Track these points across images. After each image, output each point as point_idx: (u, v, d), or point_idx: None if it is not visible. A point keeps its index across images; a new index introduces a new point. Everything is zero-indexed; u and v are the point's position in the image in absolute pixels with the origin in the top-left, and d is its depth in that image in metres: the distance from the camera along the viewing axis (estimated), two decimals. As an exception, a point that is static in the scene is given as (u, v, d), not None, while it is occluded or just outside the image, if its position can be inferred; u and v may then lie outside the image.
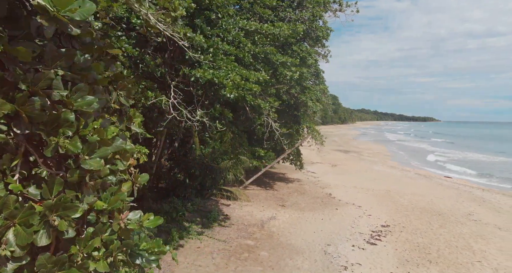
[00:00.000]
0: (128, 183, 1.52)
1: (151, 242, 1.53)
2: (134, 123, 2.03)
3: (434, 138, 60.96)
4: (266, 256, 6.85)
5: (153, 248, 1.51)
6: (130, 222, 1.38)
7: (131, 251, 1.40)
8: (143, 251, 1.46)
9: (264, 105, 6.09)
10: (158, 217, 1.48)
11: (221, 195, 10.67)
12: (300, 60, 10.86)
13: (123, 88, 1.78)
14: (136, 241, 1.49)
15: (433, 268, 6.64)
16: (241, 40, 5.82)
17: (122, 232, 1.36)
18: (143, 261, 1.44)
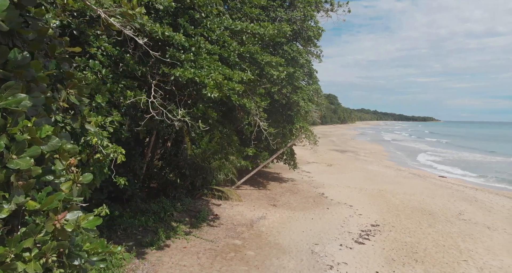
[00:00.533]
0: (67, 182, 1.50)
1: (95, 242, 1.52)
2: (91, 122, 2.00)
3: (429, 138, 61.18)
4: (252, 255, 6.84)
5: (97, 248, 1.49)
6: (67, 223, 1.36)
7: (69, 252, 1.39)
8: (83, 252, 1.44)
9: (250, 105, 6.08)
10: (96, 218, 1.46)
11: (212, 195, 10.65)
12: (291, 60, 10.88)
13: (74, 87, 1.76)
14: (78, 242, 1.47)
15: (418, 267, 6.65)
16: (225, 39, 5.80)
17: (59, 233, 1.34)
18: (83, 262, 1.42)
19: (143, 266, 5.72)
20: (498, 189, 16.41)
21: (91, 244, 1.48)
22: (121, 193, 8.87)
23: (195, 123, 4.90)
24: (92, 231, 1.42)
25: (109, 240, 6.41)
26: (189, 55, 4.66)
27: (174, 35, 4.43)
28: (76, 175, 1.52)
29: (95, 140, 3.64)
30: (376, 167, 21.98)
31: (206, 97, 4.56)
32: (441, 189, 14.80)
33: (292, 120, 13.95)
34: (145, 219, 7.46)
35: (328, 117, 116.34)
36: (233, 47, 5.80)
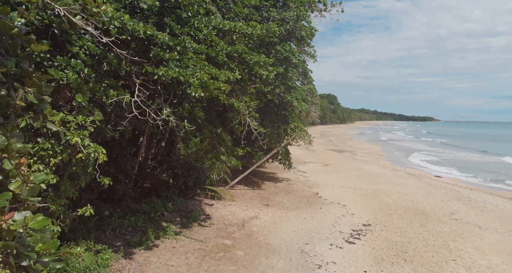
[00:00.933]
0: (16, 182, 1.49)
1: (48, 243, 1.50)
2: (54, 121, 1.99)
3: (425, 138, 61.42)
4: (241, 255, 6.83)
5: (49, 249, 1.48)
6: (13, 223, 1.35)
7: (17, 253, 1.37)
8: (33, 253, 1.43)
9: (238, 105, 6.06)
10: (45, 218, 1.45)
11: (205, 195, 10.64)
12: (284, 59, 10.87)
13: (32, 85, 1.74)
14: (30, 242, 1.46)
15: (407, 267, 6.66)
16: (213, 39, 5.78)
17: (5, 233, 1.33)
18: (32, 262, 1.41)
19: (130, 266, 5.70)
20: (493, 189, 16.46)
21: (43, 244, 1.47)
22: (113, 193, 8.87)
23: (181, 123, 4.88)
24: (42, 231, 1.40)
25: (98, 240, 6.39)
26: (173, 54, 4.64)
27: (158, 34, 4.41)
28: (27, 174, 1.50)
29: (75, 139, 3.62)
30: (372, 167, 22.01)
31: (191, 96, 4.54)
32: (436, 189, 14.82)
33: (287, 120, 13.96)
34: (135, 219, 7.44)
35: (327, 117, 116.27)
36: (221, 47, 5.78)
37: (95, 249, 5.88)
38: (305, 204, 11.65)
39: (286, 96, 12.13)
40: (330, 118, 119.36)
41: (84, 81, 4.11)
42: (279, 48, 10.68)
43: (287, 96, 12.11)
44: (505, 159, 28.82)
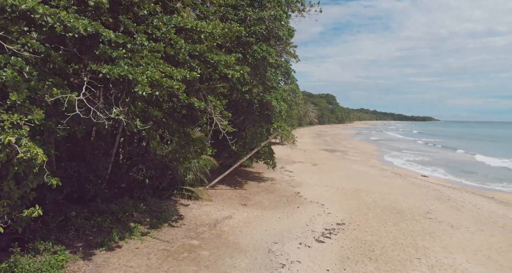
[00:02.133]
0: None
1: None
2: None
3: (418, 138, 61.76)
4: (206, 255, 6.80)
5: None
6: None
7: None
8: None
9: (199, 104, 6.03)
10: None
11: (181, 195, 10.59)
12: (260, 59, 10.85)
13: None
14: None
15: (370, 265, 6.66)
16: (172, 37, 5.76)
17: None
18: None
19: (86, 267, 5.65)
20: (477, 188, 16.55)
21: None
22: (84, 193, 8.81)
23: (132, 123, 4.85)
24: None
25: (58, 241, 6.34)
26: (121, 52, 4.61)
27: (102, 32, 4.38)
28: None
29: (8, 139, 3.58)
30: (360, 167, 22.05)
31: (138, 94, 4.52)
32: (418, 188, 14.88)
33: (270, 120, 13.96)
34: (101, 220, 7.38)
35: (325, 117, 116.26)
36: (180, 45, 5.76)
37: (53, 250, 5.82)
38: (283, 203, 11.65)
39: (265, 96, 12.14)
40: (329, 118, 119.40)
41: (25, 80, 4.07)
42: (256, 48, 10.68)
43: (266, 96, 12.11)
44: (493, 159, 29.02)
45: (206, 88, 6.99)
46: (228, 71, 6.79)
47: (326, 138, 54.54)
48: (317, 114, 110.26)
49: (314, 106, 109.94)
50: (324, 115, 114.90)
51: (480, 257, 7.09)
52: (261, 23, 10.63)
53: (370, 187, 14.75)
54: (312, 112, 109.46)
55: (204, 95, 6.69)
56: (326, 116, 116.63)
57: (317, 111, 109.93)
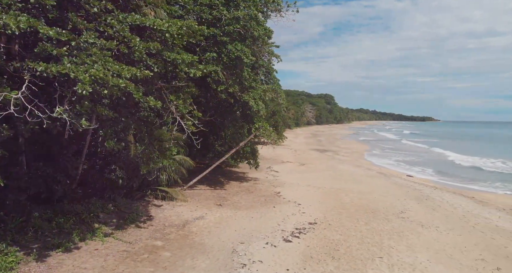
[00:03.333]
0: None
1: None
2: None
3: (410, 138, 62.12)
4: (167, 256, 6.75)
5: None
6: None
7: None
8: None
9: (155, 103, 5.98)
10: None
11: (155, 196, 10.52)
12: (235, 59, 10.82)
13: None
14: None
15: (331, 264, 6.63)
16: (125, 35, 5.71)
17: None
18: None
19: (37, 269, 5.57)
20: (460, 188, 16.60)
21: None
22: (52, 194, 8.71)
23: (77, 122, 4.80)
24: None
25: (14, 243, 6.25)
26: (61, 50, 4.56)
27: (40, 29, 4.32)
28: None
29: None
30: (347, 166, 22.08)
31: (78, 93, 4.47)
32: (399, 188, 14.89)
33: (251, 120, 13.92)
34: (64, 221, 7.30)
35: (323, 117, 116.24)
36: (133, 43, 5.72)
37: (6, 251, 5.74)
38: (260, 203, 11.61)
39: (243, 96, 12.10)
40: (327, 118, 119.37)
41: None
42: (231, 47, 10.66)
43: (244, 96, 12.08)
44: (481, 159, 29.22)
45: (168, 87, 6.95)
46: (191, 69, 6.75)
47: (320, 138, 54.61)
48: (315, 114, 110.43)
49: (312, 106, 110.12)
50: (322, 115, 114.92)
51: (442, 256, 7.08)
52: (236, 22, 10.61)
53: (352, 187, 14.76)
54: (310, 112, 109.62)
55: (165, 94, 6.64)
56: (324, 117, 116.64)
57: (315, 111, 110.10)
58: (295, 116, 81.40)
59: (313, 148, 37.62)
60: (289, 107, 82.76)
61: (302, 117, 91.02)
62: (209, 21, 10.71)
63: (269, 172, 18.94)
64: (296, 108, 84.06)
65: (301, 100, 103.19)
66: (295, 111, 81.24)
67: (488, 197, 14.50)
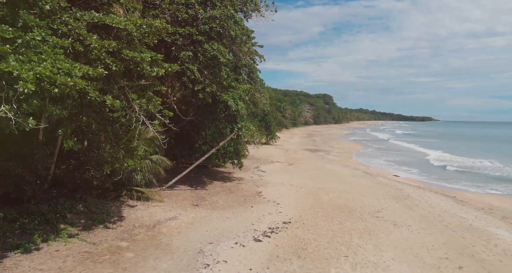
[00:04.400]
0: None
1: None
2: None
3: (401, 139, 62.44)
4: (129, 257, 6.66)
5: None
6: None
7: None
8: None
9: (111, 102, 5.91)
10: None
11: (130, 196, 10.43)
12: (211, 58, 10.75)
13: None
14: None
15: (296, 263, 6.59)
16: (81, 33, 5.64)
17: None
18: None
19: (-10, 270, 5.49)
20: (445, 188, 16.66)
21: None
22: (21, 194, 8.60)
23: (23, 121, 4.72)
24: None
25: (-29, 244, 6.14)
26: (5, 48, 4.48)
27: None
28: None
29: None
30: (335, 166, 22.09)
31: (19, 92, 4.39)
32: (381, 187, 14.90)
33: (234, 120, 13.86)
34: (28, 221, 7.19)
35: (321, 117, 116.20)
36: (89, 41, 5.65)
37: (-40, 253, 5.65)
38: (239, 203, 11.55)
39: (222, 95, 12.04)
40: (325, 118, 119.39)
41: None
42: (207, 46, 10.60)
43: (223, 95, 12.02)
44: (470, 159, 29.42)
45: (133, 86, 6.88)
46: (154, 68, 6.68)
47: (316, 138, 54.66)
48: (313, 114, 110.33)
49: (310, 106, 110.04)
50: (320, 115, 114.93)
51: (407, 255, 7.06)
52: (213, 22, 10.55)
53: (334, 186, 14.75)
54: (308, 112, 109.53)
55: (126, 93, 6.57)
56: (322, 117, 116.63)
57: (313, 111, 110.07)
58: (292, 116, 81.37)
59: (305, 148, 37.66)
60: (286, 108, 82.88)
61: (299, 117, 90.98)
62: (185, 20, 10.66)
63: (256, 172, 18.89)
64: (293, 108, 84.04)
65: (299, 100, 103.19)
66: (292, 111, 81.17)
67: (470, 197, 14.57)
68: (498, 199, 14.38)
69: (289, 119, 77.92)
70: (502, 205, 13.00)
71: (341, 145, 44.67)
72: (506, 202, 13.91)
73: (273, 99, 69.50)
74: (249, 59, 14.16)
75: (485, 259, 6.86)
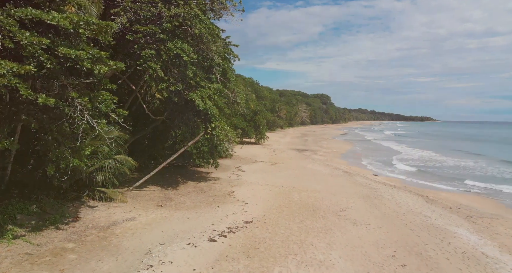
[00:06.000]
0: None
1: None
2: None
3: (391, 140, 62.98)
4: (71, 259, 6.51)
5: None
6: None
7: None
8: None
9: (43, 100, 5.73)
10: None
11: (92, 196, 10.26)
12: (175, 56, 10.64)
13: None
14: None
15: (242, 263, 6.49)
16: (11, 29, 5.51)
17: None
18: None
19: None
20: (422, 187, 16.70)
21: None
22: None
23: None
24: None
25: None
26: None
27: None
28: None
29: None
30: (316, 166, 22.07)
31: None
32: (355, 187, 14.88)
33: (208, 119, 13.75)
34: (-28, 223, 7.02)
35: (318, 117, 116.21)
36: (19, 38, 5.51)
37: None
38: (206, 203, 11.44)
39: (190, 94, 11.93)
40: (322, 118, 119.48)
41: None
42: (170, 45, 10.49)
43: (191, 94, 11.91)
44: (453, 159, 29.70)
45: (77, 84, 6.74)
46: (96, 65, 6.55)
47: (308, 138, 54.70)
48: (310, 114, 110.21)
49: (306, 106, 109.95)
50: (317, 115, 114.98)
51: (356, 253, 7.01)
52: (176, 20, 10.45)
53: (309, 185, 14.71)
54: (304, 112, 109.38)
55: (67, 91, 6.44)
56: (319, 116, 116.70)
57: (309, 111, 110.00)
58: (288, 116, 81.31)
59: (294, 148, 37.65)
60: (281, 108, 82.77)
61: (295, 117, 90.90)
62: (149, 19, 10.54)
63: (236, 172, 18.78)
64: (289, 109, 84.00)
65: (295, 100, 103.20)
66: (287, 111, 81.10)
67: (443, 196, 14.64)
68: (469, 198, 14.47)
69: (284, 119, 77.88)
70: (471, 204, 13.07)
71: (331, 144, 44.77)
72: (477, 201, 14.01)
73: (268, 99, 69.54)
74: (217, 58, 13.84)
75: (431, 257, 6.85)
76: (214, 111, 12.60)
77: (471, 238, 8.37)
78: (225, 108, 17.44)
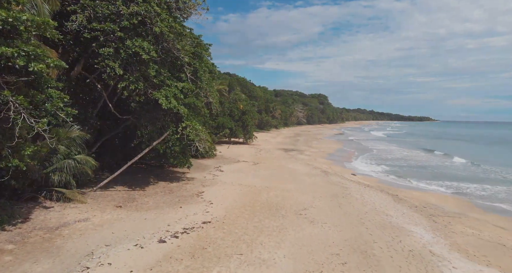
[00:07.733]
0: None
1: None
2: None
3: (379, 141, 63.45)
4: (5, 261, 6.29)
5: None
6: None
7: None
8: None
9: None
10: None
11: (49, 197, 10.03)
12: (133, 54, 10.48)
13: None
14: None
15: (184, 263, 6.35)
16: None
17: None
18: None
19: None
20: (397, 186, 16.75)
21: None
22: None
23: None
24: None
25: None
26: None
27: None
28: None
29: None
30: (297, 165, 22.02)
31: None
32: (327, 186, 14.83)
33: (180, 119, 13.58)
34: None
35: (315, 117, 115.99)
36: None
37: None
38: (170, 204, 11.27)
39: (154, 93, 11.76)
40: (319, 118, 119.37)
41: None
42: (129, 43, 10.33)
43: (155, 93, 11.74)
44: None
45: (11, 81, 6.54)
46: (34, 63, 6.39)
47: (300, 138, 54.71)
48: (306, 114, 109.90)
49: (303, 106, 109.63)
50: (314, 115, 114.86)
51: (302, 252, 6.93)
52: (135, 18, 10.30)
53: (281, 185, 14.63)
54: (300, 112, 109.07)
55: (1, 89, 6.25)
56: (316, 116, 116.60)
57: (306, 111, 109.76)
58: (283, 116, 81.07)
59: (281, 147, 37.61)
60: (276, 108, 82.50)
61: (291, 117, 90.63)
62: (106, 16, 10.35)
63: (213, 172, 18.62)
64: (284, 108, 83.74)
65: (291, 100, 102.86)
66: (282, 111, 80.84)
67: (413, 195, 14.69)
68: (440, 197, 14.55)
69: (279, 119, 77.63)
70: (440, 203, 13.14)
71: (321, 144, 44.89)
72: (447, 200, 14.10)
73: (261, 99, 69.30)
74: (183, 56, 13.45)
75: (375, 255, 6.80)
76: (182, 111, 12.46)
77: (424, 236, 8.37)
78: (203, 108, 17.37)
